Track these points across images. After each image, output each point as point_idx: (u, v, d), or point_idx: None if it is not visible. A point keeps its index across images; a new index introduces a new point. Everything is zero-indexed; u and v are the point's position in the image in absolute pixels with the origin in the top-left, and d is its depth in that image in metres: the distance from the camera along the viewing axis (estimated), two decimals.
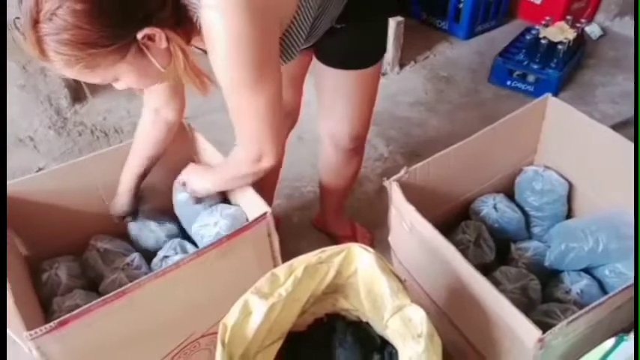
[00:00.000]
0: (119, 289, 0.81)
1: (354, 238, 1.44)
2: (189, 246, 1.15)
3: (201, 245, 1.13)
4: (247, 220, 1.09)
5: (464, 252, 0.95)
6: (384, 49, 1.08)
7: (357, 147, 1.21)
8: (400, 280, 0.77)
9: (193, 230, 1.12)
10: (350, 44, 1.02)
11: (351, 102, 1.10)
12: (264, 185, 1.30)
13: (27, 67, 1.64)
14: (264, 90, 0.78)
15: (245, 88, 0.77)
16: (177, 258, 1.10)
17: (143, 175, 1.12)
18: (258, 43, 0.74)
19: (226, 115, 0.83)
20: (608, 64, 2.23)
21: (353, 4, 0.95)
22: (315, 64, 1.09)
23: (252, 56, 0.74)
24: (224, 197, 1.14)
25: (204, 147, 1.16)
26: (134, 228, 1.18)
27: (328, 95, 1.12)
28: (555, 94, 1.32)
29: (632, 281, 0.84)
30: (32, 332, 0.75)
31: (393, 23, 2.06)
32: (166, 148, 1.11)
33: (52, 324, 0.76)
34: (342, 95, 1.09)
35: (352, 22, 0.98)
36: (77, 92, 1.85)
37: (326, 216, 1.47)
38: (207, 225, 1.07)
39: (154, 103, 1.04)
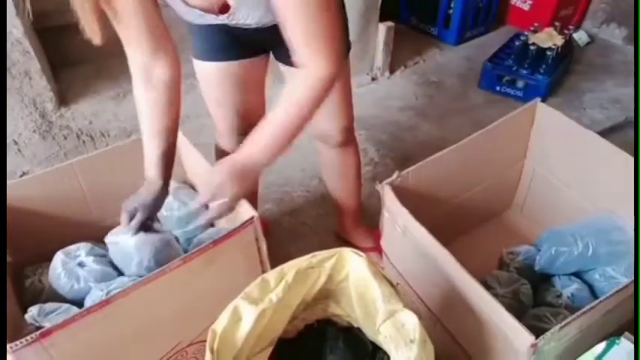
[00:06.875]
0: (103, 298, 0.80)
1: (378, 250, 1.27)
2: None
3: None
4: None
5: None
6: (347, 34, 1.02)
7: (347, 139, 1.19)
8: (392, 285, 0.76)
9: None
10: None
11: (331, 97, 0.99)
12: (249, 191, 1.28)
13: (11, 70, 1.61)
14: None
15: None
16: None
17: (167, 154, 0.95)
18: None
19: None
20: (595, 70, 2.25)
21: None
22: (285, 72, 1.06)
23: None
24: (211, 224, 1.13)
25: (188, 150, 1.14)
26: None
27: None
28: (544, 100, 1.33)
29: (622, 285, 0.84)
30: (13, 345, 0.72)
31: (383, 28, 2.06)
32: (179, 112, 0.96)
33: (34, 335, 0.73)
34: None
35: None
36: (63, 95, 1.82)
37: (345, 226, 1.44)
38: (172, 209, 1.10)
39: (138, 61, 0.90)
